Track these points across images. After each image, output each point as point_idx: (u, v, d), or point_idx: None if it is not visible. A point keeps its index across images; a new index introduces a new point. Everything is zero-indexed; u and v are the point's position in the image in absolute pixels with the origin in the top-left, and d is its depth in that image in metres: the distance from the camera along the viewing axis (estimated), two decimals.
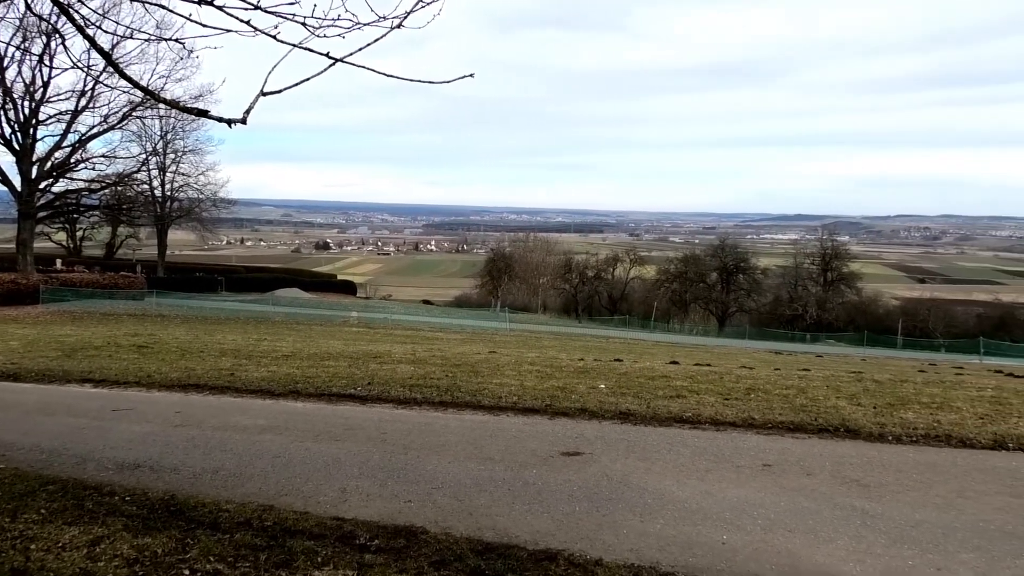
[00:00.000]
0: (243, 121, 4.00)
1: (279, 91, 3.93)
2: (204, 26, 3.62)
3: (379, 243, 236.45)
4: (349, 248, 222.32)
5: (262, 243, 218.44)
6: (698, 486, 5.89)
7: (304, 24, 3.69)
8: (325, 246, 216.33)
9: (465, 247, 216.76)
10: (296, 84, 3.96)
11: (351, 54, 3.79)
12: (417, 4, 3.77)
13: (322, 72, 3.91)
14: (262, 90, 3.94)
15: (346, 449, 6.98)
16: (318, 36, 3.77)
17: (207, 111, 4.37)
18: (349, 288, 73.49)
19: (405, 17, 3.79)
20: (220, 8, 3.53)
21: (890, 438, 7.52)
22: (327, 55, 3.65)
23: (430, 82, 3.87)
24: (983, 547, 4.67)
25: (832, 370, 14.98)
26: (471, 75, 3.80)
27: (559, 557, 4.43)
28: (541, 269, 79.76)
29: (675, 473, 6.25)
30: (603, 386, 10.19)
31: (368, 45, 3.86)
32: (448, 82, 3.80)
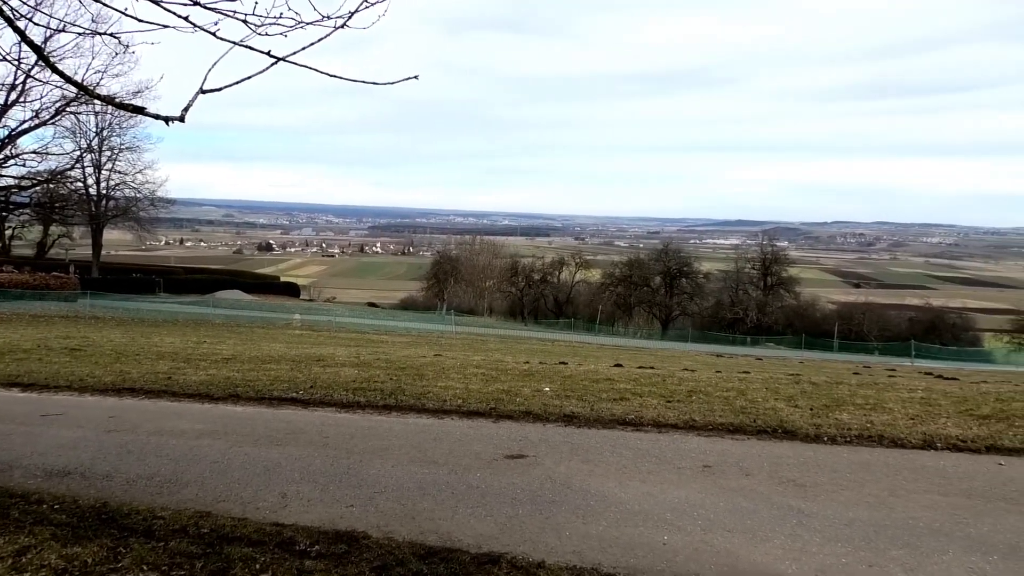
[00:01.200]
0: (181, 119, 3.92)
1: (219, 89, 3.86)
2: (140, 21, 3.54)
3: (323, 245, 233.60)
4: (293, 249, 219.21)
5: (202, 244, 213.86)
6: (640, 487, 5.96)
7: (245, 22, 3.63)
8: (268, 247, 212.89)
9: (411, 249, 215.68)
10: (237, 82, 3.90)
11: (294, 53, 3.75)
12: (361, 4, 3.75)
13: (264, 71, 3.85)
14: (201, 88, 3.86)
15: (287, 453, 6.87)
16: (259, 34, 3.71)
17: (143, 108, 4.28)
18: (292, 290, 72.54)
19: (349, 17, 3.76)
20: (157, 3, 3.45)
21: (826, 439, 7.71)
22: (268, 53, 3.60)
23: (373, 83, 3.85)
24: (912, 544, 4.83)
25: (771, 372, 15.33)
26: (415, 77, 3.79)
27: (502, 560, 4.43)
28: (487, 272, 79.81)
29: (617, 475, 6.31)
30: (548, 389, 10.23)
31: (311, 44, 3.82)
32: (392, 83, 3.78)
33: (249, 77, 3.87)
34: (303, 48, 3.76)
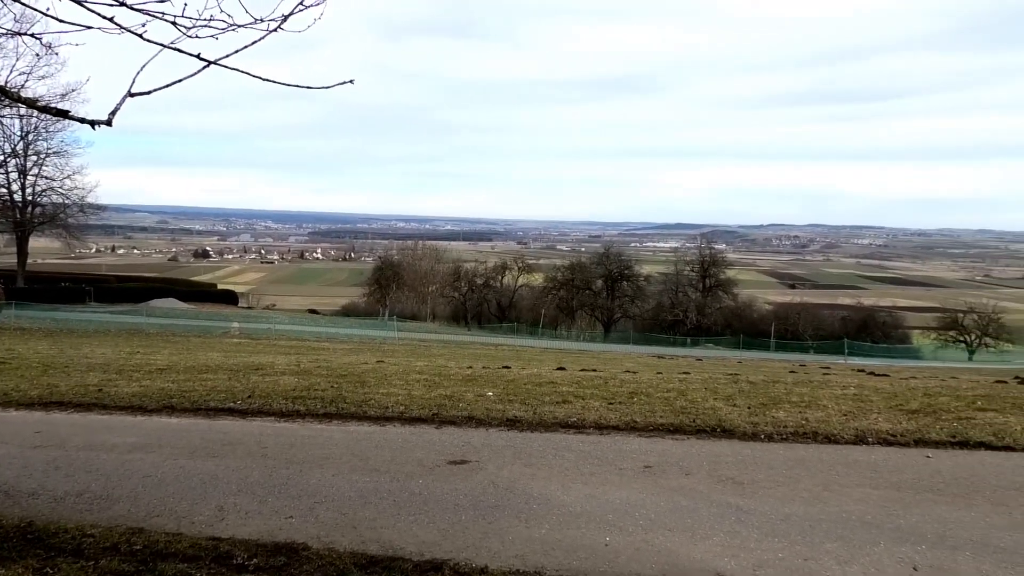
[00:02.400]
0: (108, 123, 3.79)
1: (148, 92, 3.75)
2: (63, 22, 3.42)
3: (262, 251, 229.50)
4: (230, 256, 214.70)
5: (135, 251, 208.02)
6: (582, 489, 5.99)
7: (175, 24, 3.54)
8: (204, 254, 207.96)
9: (353, 255, 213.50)
10: (167, 85, 3.79)
11: (226, 56, 3.66)
12: (296, 7, 3.69)
13: (195, 74, 3.76)
14: (130, 91, 3.75)
15: (224, 465, 6.71)
16: (190, 37, 3.62)
17: (67, 111, 4.13)
18: (230, 298, 70.95)
19: (284, 20, 3.69)
20: (80, 3, 3.34)
21: (763, 436, 7.89)
22: (198, 57, 3.52)
23: (308, 87, 3.79)
24: (845, 536, 4.97)
25: (710, 373, 15.61)
26: (351, 81, 3.75)
27: (444, 567, 4.40)
28: (430, 277, 79.46)
29: (560, 478, 6.33)
30: (491, 393, 10.23)
31: (245, 48, 3.74)
32: (328, 87, 3.74)
33: (180, 80, 3.77)
34: (236, 51, 3.69)
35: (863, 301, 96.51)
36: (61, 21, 3.38)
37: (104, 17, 3.34)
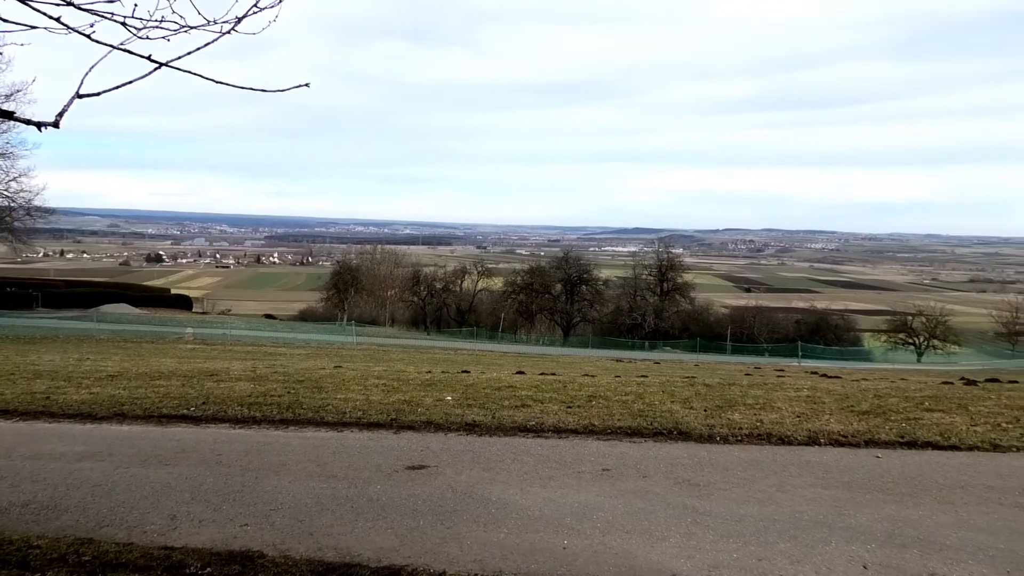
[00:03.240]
0: (56, 124, 3.70)
1: (97, 94, 3.67)
2: (7, 21, 3.33)
3: (218, 255, 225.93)
4: (184, 261, 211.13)
5: (85, 255, 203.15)
6: (541, 493, 6.01)
7: (124, 24, 3.47)
8: (157, 258, 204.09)
9: (310, 259, 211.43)
10: (117, 87, 3.71)
11: (178, 58, 3.60)
12: (251, 9, 3.64)
13: (146, 76, 3.69)
14: (78, 92, 3.66)
15: (177, 473, 6.59)
16: (141, 38, 3.56)
17: (13, 112, 4.02)
18: (184, 303, 69.80)
19: (237, 22, 3.64)
20: (26, 2, 3.26)
21: (718, 438, 7.99)
22: (149, 58, 3.45)
23: (263, 90, 3.74)
24: (798, 536, 5.06)
25: (668, 376, 15.77)
26: (306, 84, 3.71)
27: (402, 573, 4.38)
28: (389, 282, 78.99)
29: (519, 482, 6.34)
30: (450, 398, 10.20)
31: (197, 49, 3.68)
32: (283, 90, 3.69)
33: (130, 82, 3.70)
34: (188, 53, 3.63)
35: (816, 304, 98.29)
36: (5, 20, 3.30)
37: (51, 17, 3.27)
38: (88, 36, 3.32)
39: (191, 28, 3.53)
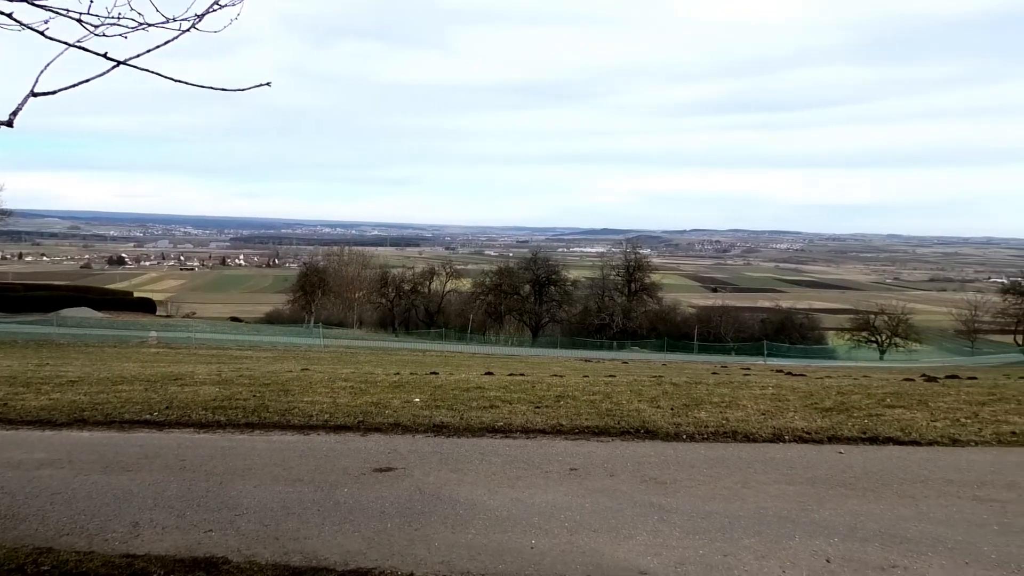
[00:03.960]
0: (9, 124, 3.62)
1: (53, 92, 3.60)
2: None
3: (182, 257, 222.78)
4: (148, 263, 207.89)
5: (45, 258, 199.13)
6: (509, 493, 6.01)
7: (80, 21, 3.41)
8: (120, 261, 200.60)
9: (277, 261, 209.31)
10: (73, 85, 3.64)
11: (136, 56, 3.54)
12: (211, 6, 3.60)
13: (103, 74, 3.62)
14: (32, 90, 3.58)
15: (140, 479, 6.47)
16: (97, 35, 3.49)
17: None
18: (147, 306, 68.64)
19: (198, 20, 3.60)
20: None
21: (685, 437, 8.06)
22: (106, 56, 3.39)
23: (223, 89, 3.69)
24: (763, 532, 5.11)
25: (636, 375, 15.87)
26: (268, 83, 3.67)
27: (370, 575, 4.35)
28: (357, 283, 78.43)
29: (487, 482, 6.34)
30: (418, 400, 10.16)
31: (157, 47, 3.63)
32: (243, 89, 3.64)
33: (87, 80, 3.63)
34: (147, 51, 3.57)
35: (781, 304, 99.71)
36: None
37: (3, 13, 3.19)
38: (42, 33, 3.25)
39: (149, 26, 3.48)
